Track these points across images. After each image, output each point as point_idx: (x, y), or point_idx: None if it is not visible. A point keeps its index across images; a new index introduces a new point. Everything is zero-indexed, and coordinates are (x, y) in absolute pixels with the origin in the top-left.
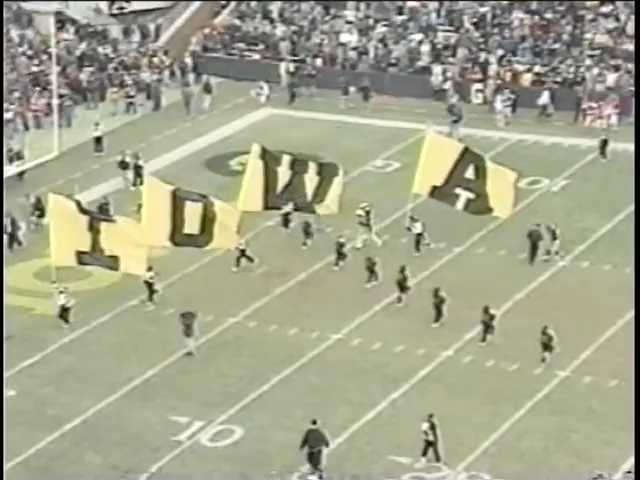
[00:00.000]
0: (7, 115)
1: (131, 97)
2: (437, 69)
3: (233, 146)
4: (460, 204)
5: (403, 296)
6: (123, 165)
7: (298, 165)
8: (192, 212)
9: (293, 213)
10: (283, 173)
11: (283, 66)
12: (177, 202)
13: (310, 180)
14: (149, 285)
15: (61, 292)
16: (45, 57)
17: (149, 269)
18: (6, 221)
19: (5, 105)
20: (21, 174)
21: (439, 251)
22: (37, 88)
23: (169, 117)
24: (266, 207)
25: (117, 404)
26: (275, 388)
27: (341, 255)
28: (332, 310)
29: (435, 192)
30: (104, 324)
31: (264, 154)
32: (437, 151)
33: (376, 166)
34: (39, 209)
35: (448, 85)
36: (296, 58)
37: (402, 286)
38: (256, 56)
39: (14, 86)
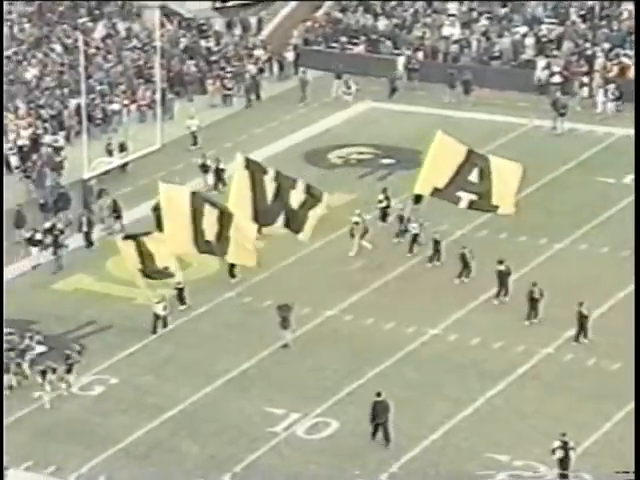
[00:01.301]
0: (113, 107)
1: (228, 89)
2: (541, 62)
3: (332, 139)
4: (463, 204)
5: (503, 291)
6: (204, 168)
7: (284, 179)
8: (210, 215)
9: (391, 206)
10: (269, 182)
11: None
12: (196, 205)
13: (296, 196)
14: (179, 290)
15: (158, 302)
16: (150, 50)
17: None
18: (82, 220)
19: (110, 97)
20: (124, 166)
21: (539, 247)
22: (141, 80)
23: (269, 110)
24: (256, 220)
25: (214, 394)
26: (371, 382)
27: (437, 252)
28: (429, 305)
29: (436, 193)
30: (202, 315)
31: (248, 164)
32: (443, 153)
33: None
34: (115, 211)
35: (553, 79)
36: (397, 52)
37: (502, 281)
38: (358, 49)
39: (120, 79)
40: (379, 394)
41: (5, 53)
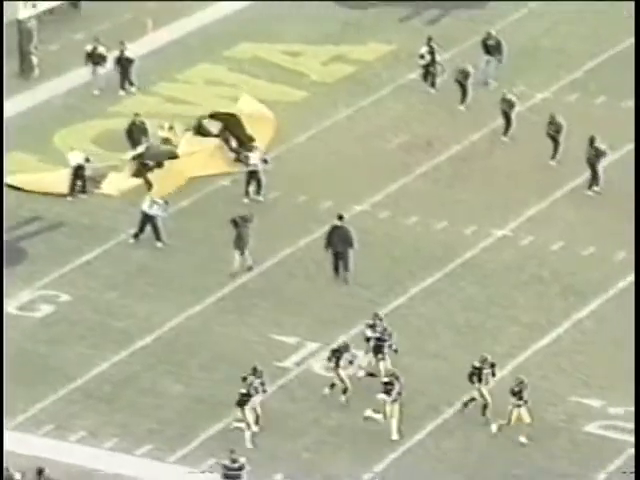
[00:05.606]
0: None
1: None
2: None
3: None
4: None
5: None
6: (92, 58)
7: None
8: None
9: (441, 63)
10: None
11: None
12: None
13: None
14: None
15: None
16: None
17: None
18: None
19: None
20: None
21: None
22: None
23: None
24: None
25: (204, 316)
26: (416, 301)
27: (509, 120)
28: (496, 196)
29: None
30: (183, 210)
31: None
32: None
33: None
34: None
35: None
36: None
37: (593, 165)
38: None
39: None
40: (341, 217)
41: None
